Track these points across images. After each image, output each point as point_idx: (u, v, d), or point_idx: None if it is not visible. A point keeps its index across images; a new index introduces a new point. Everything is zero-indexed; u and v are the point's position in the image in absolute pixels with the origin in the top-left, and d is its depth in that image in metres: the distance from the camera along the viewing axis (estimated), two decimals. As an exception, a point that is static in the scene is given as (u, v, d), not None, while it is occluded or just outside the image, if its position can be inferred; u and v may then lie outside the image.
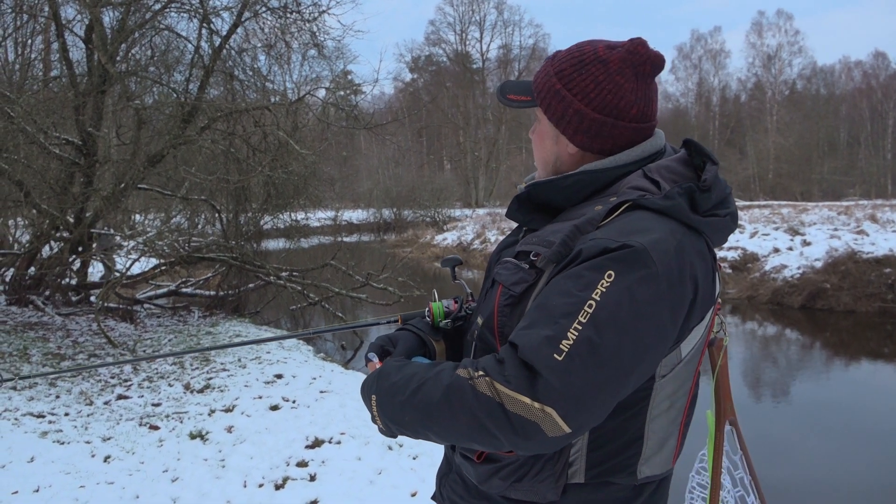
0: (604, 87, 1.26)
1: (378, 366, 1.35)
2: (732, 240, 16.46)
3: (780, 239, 15.82)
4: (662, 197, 1.20)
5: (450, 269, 1.63)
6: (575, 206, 1.30)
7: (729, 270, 15.13)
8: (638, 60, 1.26)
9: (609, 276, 1.09)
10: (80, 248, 10.45)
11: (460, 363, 1.17)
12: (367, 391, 1.29)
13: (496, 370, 1.08)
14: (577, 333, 1.05)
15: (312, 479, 4.40)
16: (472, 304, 1.50)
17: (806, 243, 14.97)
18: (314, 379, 6.85)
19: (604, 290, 1.08)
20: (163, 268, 11.28)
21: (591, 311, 1.06)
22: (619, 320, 1.07)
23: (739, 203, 29.01)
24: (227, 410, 5.82)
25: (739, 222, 18.85)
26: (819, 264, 13.21)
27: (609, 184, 1.28)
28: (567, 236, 1.19)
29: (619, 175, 1.28)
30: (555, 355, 1.04)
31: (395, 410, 1.20)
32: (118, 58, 9.55)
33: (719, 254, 15.54)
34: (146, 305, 11.61)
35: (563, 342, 1.05)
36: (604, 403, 1.09)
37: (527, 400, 1.04)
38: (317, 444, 4.96)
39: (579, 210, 1.27)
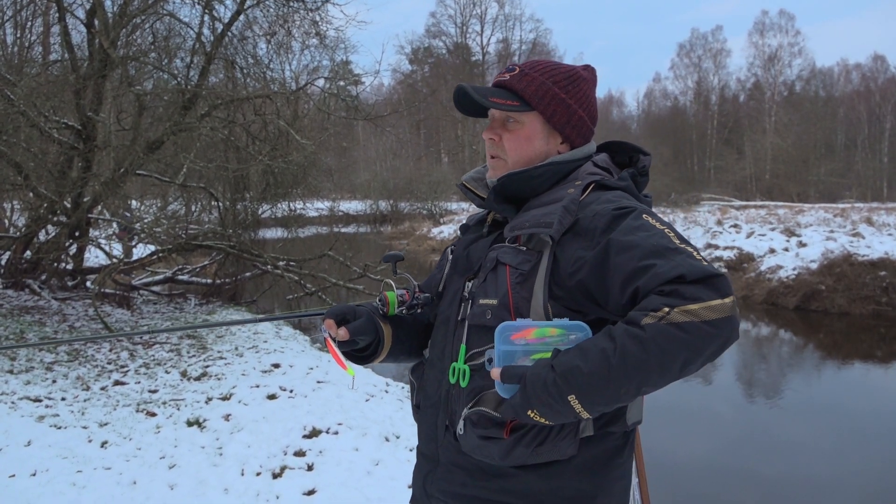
0: (591, 99, 1.58)
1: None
2: (728, 239, 16.50)
3: (776, 240, 15.85)
4: (618, 179, 1.50)
5: (392, 264, 1.75)
6: (539, 195, 1.50)
7: (724, 269, 15.15)
8: (596, 82, 1.63)
9: (645, 217, 1.34)
10: (77, 233, 10.41)
11: (625, 319, 1.24)
12: (557, 396, 1.23)
13: (677, 300, 1.20)
14: (687, 246, 1.28)
15: (310, 468, 4.41)
16: (422, 295, 1.62)
17: (802, 244, 15.01)
18: (311, 369, 6.85)
19: (656, 222, 1.33)
20: (160, 254, 11.24)
21: (671, 234, 1.31)
22: (677, 233, 1.33)
23: (736, 203, 28.97)
24: (225, 398, 5.83)
25: (736, 221, 18.84)
26: (814, 266, 13.27)
27: (568, 173, 1.53)
28: (562, 215, 1.39)
29: (576, 166, 1.54)
30: (704, 262, 1.25)
31: (610, 392, 1.22)
32: (119, 42, 9.49)
33: (714, 253, 15.65)
34: (142, 292, 11.58)
35: (696, 253, 1.27)
36: None
37: (718, 301, 1.19)
38: (314, 433, 4.98)
39: (546, 197, 1.48)
